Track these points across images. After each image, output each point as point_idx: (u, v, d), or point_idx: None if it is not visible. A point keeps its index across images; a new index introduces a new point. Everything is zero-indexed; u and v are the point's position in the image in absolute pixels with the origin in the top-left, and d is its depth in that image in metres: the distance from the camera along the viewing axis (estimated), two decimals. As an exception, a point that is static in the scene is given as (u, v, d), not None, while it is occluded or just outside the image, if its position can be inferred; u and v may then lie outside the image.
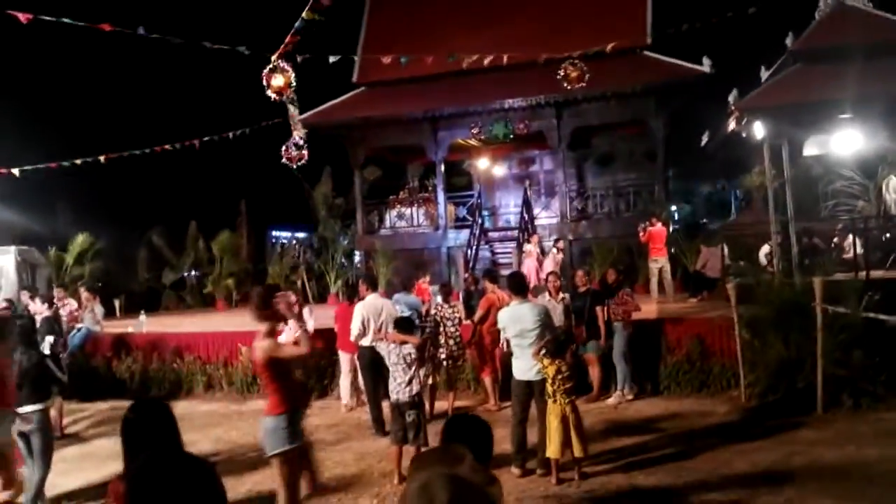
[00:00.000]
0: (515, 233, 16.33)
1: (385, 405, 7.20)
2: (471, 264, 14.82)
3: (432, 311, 8.25)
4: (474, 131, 16.23)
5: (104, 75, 28.48)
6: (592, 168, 17.39)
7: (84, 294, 11.44)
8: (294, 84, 6.23)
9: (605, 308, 7.96)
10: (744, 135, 10.69)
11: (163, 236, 19.70)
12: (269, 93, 6.32)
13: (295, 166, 9.00)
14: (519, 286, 5.79)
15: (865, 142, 10.94)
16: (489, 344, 7.87)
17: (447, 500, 2.21)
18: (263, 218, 22.90)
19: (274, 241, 23.64)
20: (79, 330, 10.35)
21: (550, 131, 15.91)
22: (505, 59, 13.20)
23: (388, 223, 17.64)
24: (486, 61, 13.75)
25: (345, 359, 8.03)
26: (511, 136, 16.16)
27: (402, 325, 5.99)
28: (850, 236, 10.36)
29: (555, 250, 12.40)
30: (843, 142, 11.03)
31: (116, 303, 16.26)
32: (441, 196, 16.79)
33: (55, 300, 9.77)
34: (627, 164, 16.42)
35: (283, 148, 8.89)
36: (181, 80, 28.73)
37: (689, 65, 14.71)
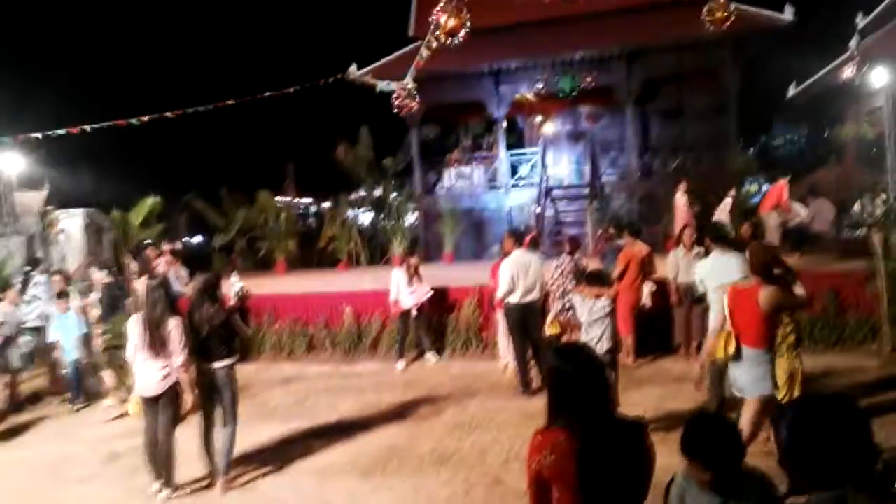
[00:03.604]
0: (583, 190, 16.02)
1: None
2: (542, 223, 14.57)
3: (555, 265, 8.02)
4: (539, 86, 15.76)
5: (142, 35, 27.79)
6: (658, 122, 16.94)
7: (166, 257, 11.15)
8: (468, 26, 5.85)
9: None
10: (857, 83, 10.29)
11: (201, 200, 19.37)
12: (438, 33, 5.94)
13: (406, 115, 8.68)
14: (722, 235, 5.54)
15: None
16: (631, 300, 7.65)
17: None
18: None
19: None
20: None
21: (619, 84, 15.45)
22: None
23: (446, 182, 17.28)
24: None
25: (502, 317, 7.81)
26: (577, 91, 15.71)
27: (595, 277, 5.73)
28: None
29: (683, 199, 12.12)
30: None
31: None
32: (503, 154, 16.41)
33: (156, 260, 9.50)
34: (696, 119, 16.00)
35: (395, 95, 8.54)
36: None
37: (768, 12, 14.20)
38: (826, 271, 8.75)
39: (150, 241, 10.82)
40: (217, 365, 4.99)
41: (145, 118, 10.38)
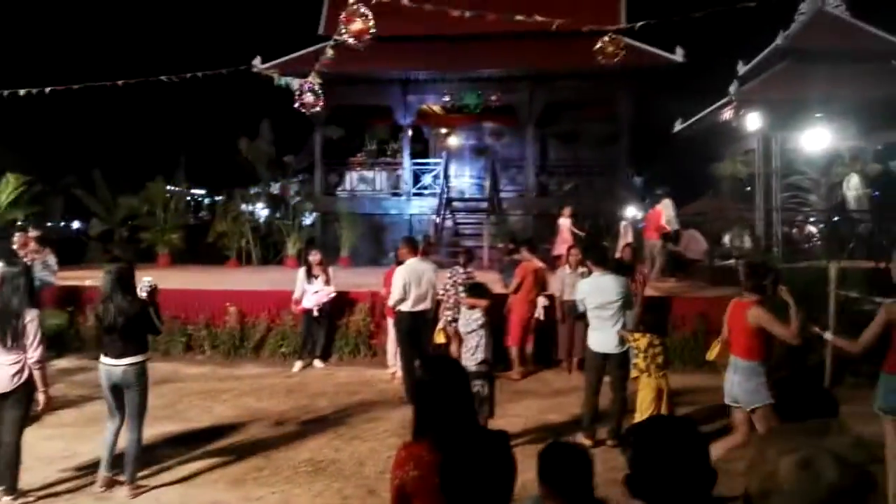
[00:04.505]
0: (482, 204, 16.31)
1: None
2: (440, 234, 14.67)
3: (447, 276, 8.10)
4: (446, 98, 15.93)
5: None
6: (556, 145, 17.60)
7: (31, 244, 10.14)
8: (374, 31, 5.77)
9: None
10: (734, 125, 11.19)
11: (80, 184, 17.95)
12: (344, 36, 5.82)
13: (308, 112, 8.46)
14: (602, 257, 5.76)
15: (834, 140, 11.79)
16: (525, 312, 7.83)
17: (836, 480, 2.08)
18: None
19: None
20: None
21: (522, 105, 15.91)
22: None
23: (347, 185, 17.03)
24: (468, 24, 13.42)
25: (393, 324, 7.71)
26: (482, 107, 16.02)
27: (474, 289, 5.80)
28: (811, 227, 11.21)
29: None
30: (815, 138, 11.82)
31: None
32: (407, 162, 16.41)
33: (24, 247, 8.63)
34: (592, 144, 16.76)
35: (297, 93, 8.33)
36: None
37: (662, 52, 15.15)
38: (697, 296, 9.39)
39: (18, 223, 9.78)
40: (127, 361, 4.66)
41: (21, 92, 9.43)
